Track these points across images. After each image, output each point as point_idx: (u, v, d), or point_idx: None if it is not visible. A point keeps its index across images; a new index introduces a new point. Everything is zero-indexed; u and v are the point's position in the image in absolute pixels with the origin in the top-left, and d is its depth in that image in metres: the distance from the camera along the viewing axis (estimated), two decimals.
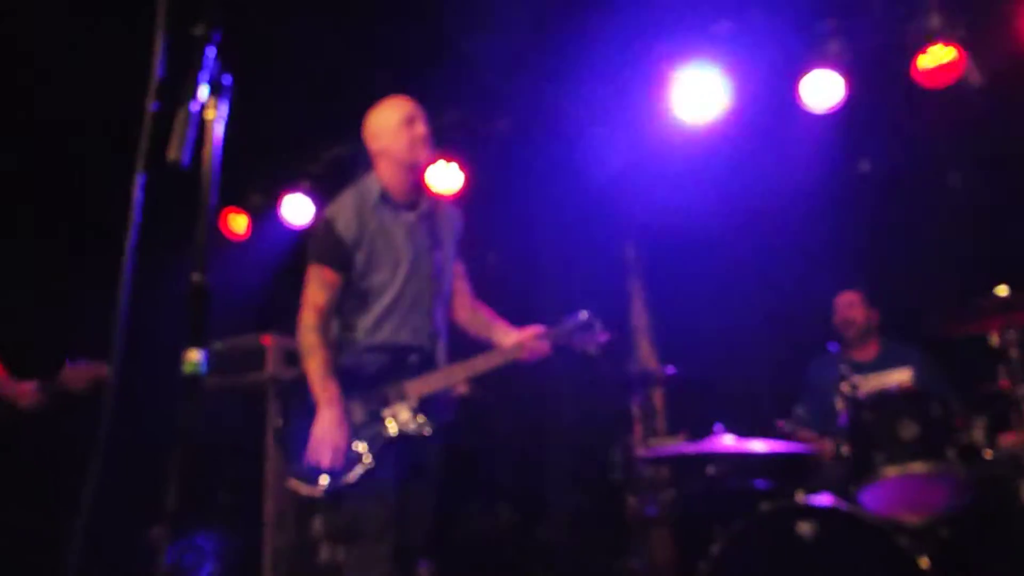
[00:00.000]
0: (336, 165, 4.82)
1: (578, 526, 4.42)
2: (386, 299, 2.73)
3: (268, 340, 4.29)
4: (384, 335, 2.74)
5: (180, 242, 1.81)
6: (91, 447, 1.41)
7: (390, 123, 2.82)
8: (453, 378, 2.78)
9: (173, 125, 1.57)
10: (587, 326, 2.80)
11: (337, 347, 2.75)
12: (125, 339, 1.48)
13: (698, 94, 4.22)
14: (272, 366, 4.27)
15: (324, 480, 2.62)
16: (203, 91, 1.62)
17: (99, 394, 3.30)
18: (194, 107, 1.60)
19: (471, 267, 3.06)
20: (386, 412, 2.69)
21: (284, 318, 4.61)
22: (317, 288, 2.72)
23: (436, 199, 3.00)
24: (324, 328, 2.70)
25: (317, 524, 3.89)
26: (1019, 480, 3.06)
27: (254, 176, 5.04)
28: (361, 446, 2.65)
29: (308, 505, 3.86)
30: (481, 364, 2.78)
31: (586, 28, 4.22)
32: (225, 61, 1.67)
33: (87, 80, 3.99)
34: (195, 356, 1.53)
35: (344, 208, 2.79)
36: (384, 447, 2.66)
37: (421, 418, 2.70)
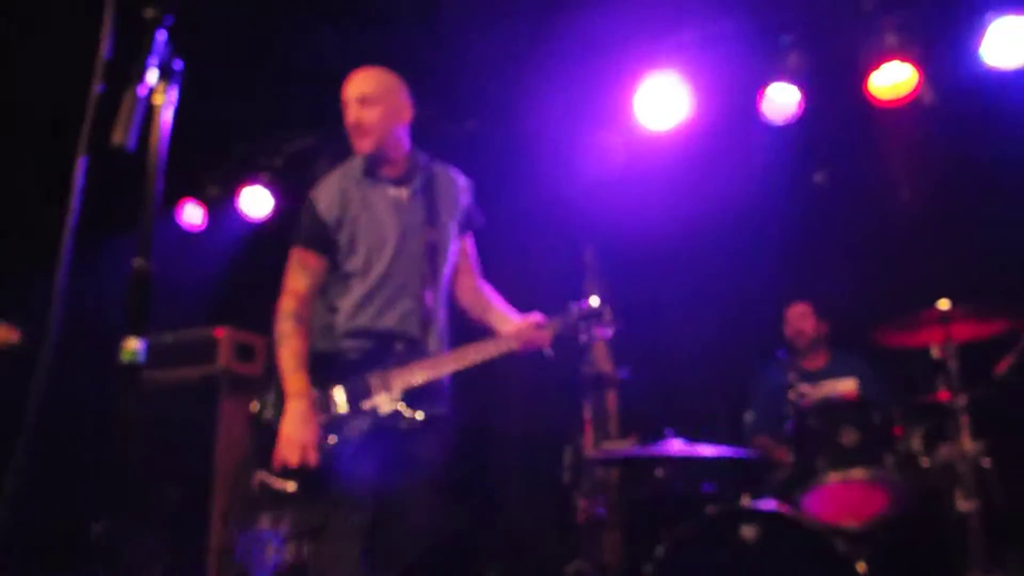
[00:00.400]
0: (297, 158, 4.78)
1: (527, 527, 4.43)
2: (368, 281, 2.54)
3: (221, 332, 4.23)
4: (366, 319, 2.54)
5: (125, 227, 1.78)
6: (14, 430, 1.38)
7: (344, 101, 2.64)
8: (441, 368, 2.55)
9: (119, 108, 1.54)
10: (594, 315, 2.59)
11: (321, 332, 2.57)
12: (60, 323, 1.45)
13: (661, 102, 4.28)
14: (224, 359, 4.21)
15: (294, 478, 2.44)
16: (152, 75, 1.60)
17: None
18: (142, 91, 1.57)
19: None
20: (367, 404, 2.48)
21: (238, 311, 4.60)
22: (297, 273, 2.57)
23: (435, 170, 2.73)
24: (301, 315, 2.53)
25: (266, 521, 3.81)
26: (954, 488, 3.15)
27: (212, 167, 4.97)
28: (334, 439, 2.46)
29: (255, 501, 3.78)
30: (473, 354, 2.57)
31: (553, 33, 4.25)
32: (177, 46, 1.64)
33: (35, 61, 3.90)
34: (134, 344, 1.50)
35: (327, 187, 2.62)
36: (364, 441, 2.46)
37: (407, 411, 2.48)
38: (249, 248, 4.98)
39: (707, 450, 3.32)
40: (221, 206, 4.97)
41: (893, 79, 4.03)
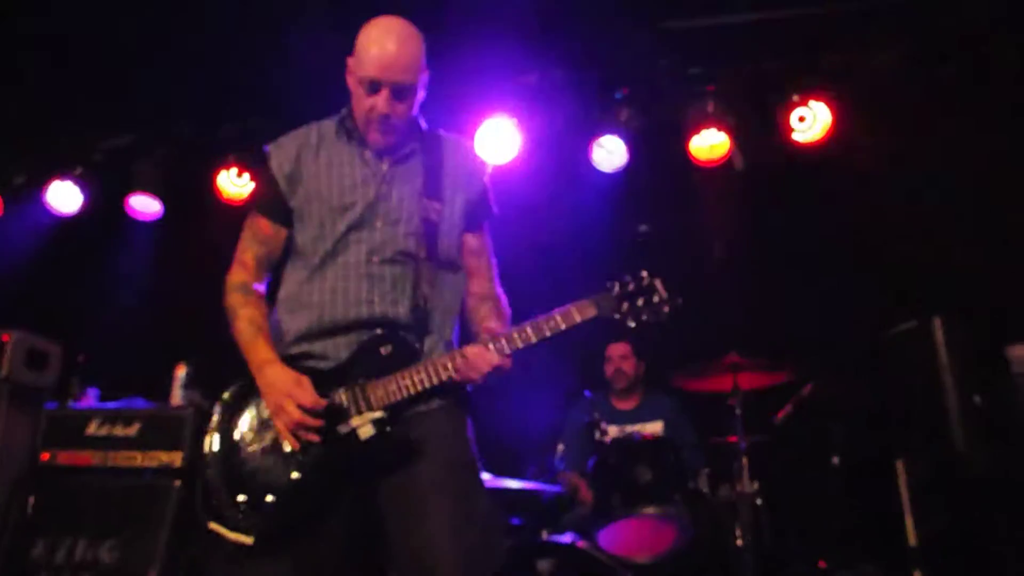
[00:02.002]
0: (114, 156, 4.49)
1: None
2: (317, 257, 2.03)
3: (6, 337, 3.86)
4: (328, 313, 2.00)
5: None
6: None
7: (357, 67, 2.03)
8: (440, 375, 1.93)
9: None
10: (644, 292, 1.97)
11: (279, 334, 2.06)
12: None
13: (498, 141, 4.39)
14: (9, 366, 3.83)
15: (257, 523, 1.93)
16: None
17: None
18: None
19: None
20: (342, 428, 1.94)
21: (33, 314, 4.22)
22: (246, 241, 2.12)
23: (443, 137, 2.17)
24: (249, 286, 2.06)
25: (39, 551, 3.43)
26: (735, 524, 3.41)
27: (17, 157, 4.57)
28: (298, 476, 1.95)
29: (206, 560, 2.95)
30: (484, 364, 1.93)
31: None
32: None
33: None
34: None
35: (286, 139, 2.13)
36: (341, 477, 1.94)
37: (396, 432, 1.94)
38: (52, 245, 4.59)
39: (512, 484, 3.41)
40: (24, 198, 4.56)
41: (710, 143, 4.36)
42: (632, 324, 1.96)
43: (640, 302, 1.97)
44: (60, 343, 4.03)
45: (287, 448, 1.98)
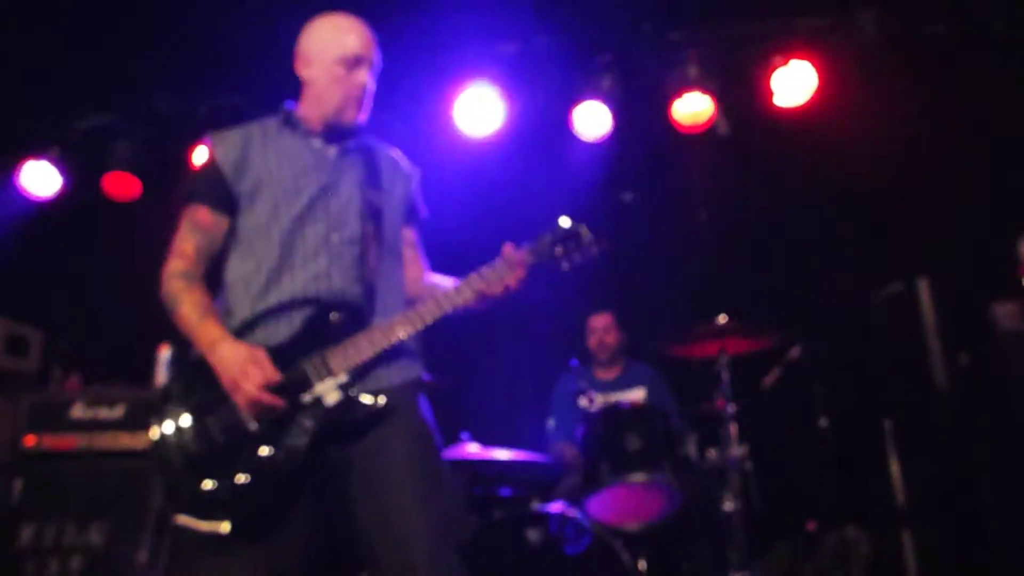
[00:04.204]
0: (90, 136, 4.40)
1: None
2: (275, 237, 2.06)
3: None
4: (287, 289, 2.03)
5: None
6: None
7: (326, 54, 2.15)
8: (392, 333, 2.02)
9: None
10: (571, 236, 2.11)
11: (222, 316, 2.07)
12: None
13: (478, 110, 4.34)
14: None
15: (228, 514, 1.90)
16: None
17: None
18: None
19: None
20: (306, 396, 1.97)
21: (11, 299, 4.17)
22: (185, 232, 2.10)
23: (375, 144, 2.30)
24: (191, 273, 2.06)
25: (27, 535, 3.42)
26: (723, 490, 3.42)
27: None
28: (269, 451, 1.94)
29: (180, 555, 3.01)
30: (434, 308, 2.04)
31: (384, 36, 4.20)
32: None
33: None
34: None
35: (227, 132, 2.17)
36: (314, 448, 1.94)
37: (361, 394, 1.98)
38: (29, 230, 4.51)
39: (502, 455, 3.40)
40: None
41: (693, 108, 4.32)
42: (566, 266, 2.12)
43: (572, 245, 2.13)
44: (40, 329, 3.99)
45: (252, 426, 1.97)
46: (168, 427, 2.00)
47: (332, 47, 2.15)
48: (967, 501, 3.35)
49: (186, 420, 2.00)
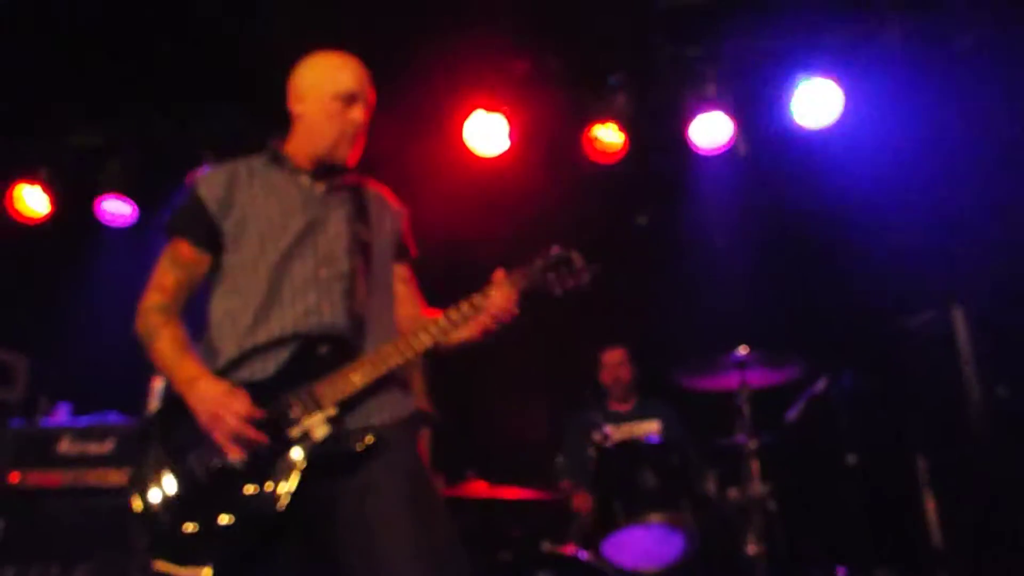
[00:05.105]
0: (82, 157, 4.30)
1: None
2: (262, 273, 2.02)
3: None
4: (276, 325, 1.99)
5: None
6: None
7: (321, 90, 2.13)
8: (384, 364, 1.96)
9: None
10: (563, 261, 2.11)
11: (205, 355, 2.03)
12: None
13: (489, 130, 4.22)
14: None
15: (209, 558, 1.82)
16: None
17: None
18: None
19: None
20: (294, 431, 1.90)
21: None
22: (165, 267, 2.06)
23: (363, 182, 2.27)
24: (169, 308, 2.03)
25: None
26: (746, 530, 3.22)
27: None
28: (254, 489, 1.87)
29: None
30: (425, 337, 1.98)
31: (396, 62, 4.11)
32: None
33: None
34: None
35: (212, 171, 2.15)
36: (301, 486, 1.86)
37: (350, 427, 1.92)
38: (19, 254, 4.39)
39: (510, 493, 3.24)
40: None
41: (711, 128, 4.16)
42: (558, 292, 2.11)
43: (564, 271, 2.12)
44: (27, 355, 3.86)
45: (237, 464, 1.89)
46: (148, 468, 1.91)
47: (327, 83, 2.13)
48: (1008, 543, 3.16)
49: (167, 460, 1.91)
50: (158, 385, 3.58)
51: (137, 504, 1.89)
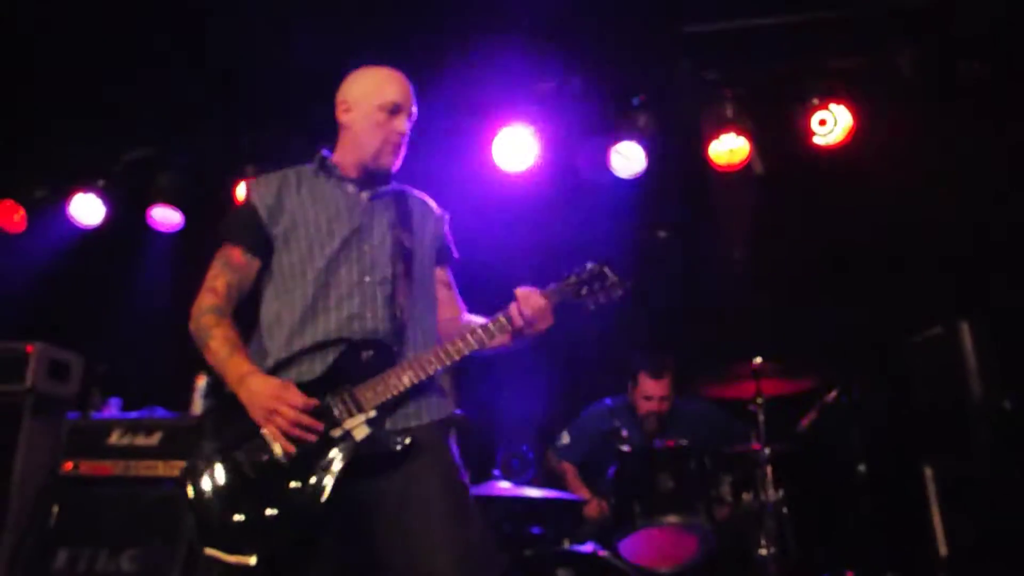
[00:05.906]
0: (135, 168, 4.53)
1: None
2: (310, 278, 2.12)
3: (31, 348, 3.89)
4: (322, 329, 2.09)
5: None
6: None
7: (367, 101, 2.25)
8: (423, 369, 2.05)
9: None
10: (597, 278, 2.18)
11: (255, 355, 2.13)
12: None
13: (516, 147, 4.38)
14: (33, 377, 3.86)
15: (255, 548, 1.91)
16: None
17: None
18: None
19: None
20: (335, 432, 2.01)
21: (55, 325, 4.26)
22: (218, 270, 2.16)
23: (407, 190, 2.38)
24: (222, 309, 2.12)
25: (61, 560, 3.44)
26: (758, 535, 3.35)
27: (39, 170, 4.63)
28: (298, 485, 1.97)
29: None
30: (462, 345, 2.08)
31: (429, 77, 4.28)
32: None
33: None
34: None
35: (264, 178, 2.26)
36: (342, 483, 1.97)
37: (391, 429, 2.02)
38: (74, 258, 4.63)
39: (533, 493, 3.37)
40: (47, 210, 4.61)
41: (729, 147, 4.31)
42: (592, 307, 2.20)
43: (596, 286, 2.20)
44: (81, 354, 4.07)
45: (282, 460, 2.00)
46: (200, 461, 2.03)
47: (374, 94, 2.25)
48: (1013, 552, 3.24)
49: (218, 454, 2.03)
50: (201, 383, 3.78)
51: (191, 493, 2.00)
